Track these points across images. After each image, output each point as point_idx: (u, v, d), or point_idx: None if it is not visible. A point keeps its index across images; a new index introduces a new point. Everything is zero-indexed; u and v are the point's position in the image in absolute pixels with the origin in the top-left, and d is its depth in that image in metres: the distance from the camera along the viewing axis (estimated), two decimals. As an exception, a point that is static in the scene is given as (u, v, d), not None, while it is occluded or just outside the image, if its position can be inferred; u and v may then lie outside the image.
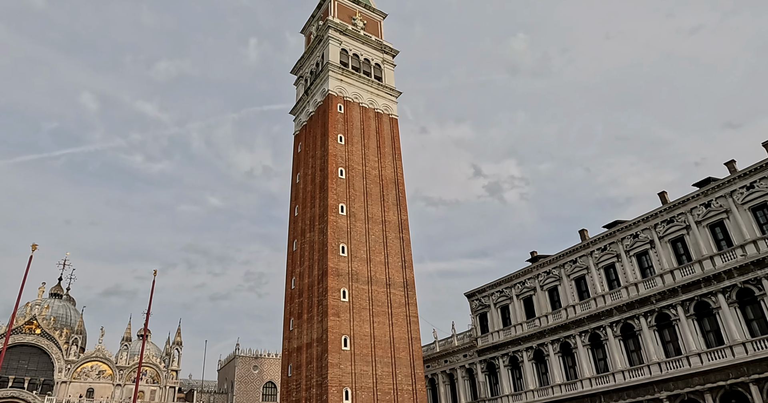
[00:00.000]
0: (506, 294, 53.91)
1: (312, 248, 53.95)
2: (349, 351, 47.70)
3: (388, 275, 53.26)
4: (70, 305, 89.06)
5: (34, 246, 51.21)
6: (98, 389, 74.05)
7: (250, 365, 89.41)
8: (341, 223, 53.00)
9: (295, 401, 50.17)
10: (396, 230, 56.37)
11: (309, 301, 51.80)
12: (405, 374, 50.25)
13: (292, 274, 56.22)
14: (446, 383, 59.30)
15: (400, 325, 51.71)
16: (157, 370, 77.42)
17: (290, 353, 53.05)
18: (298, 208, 59.53)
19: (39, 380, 71.98)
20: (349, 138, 58.56)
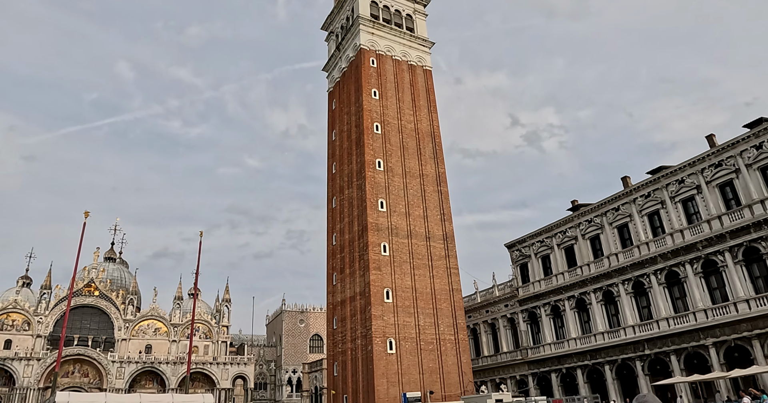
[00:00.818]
0: (547, 244, 53.70)
1: (351, 204, 54.54)
2: (391, 303, 48.74)
3: (427, 228, 53.59)
4: (123, 267, 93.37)
5: (86, 213, 53.37)
6: (155, 345, 78.29)
7: (296, 319, 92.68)
8: (379, 178, 53.21)
9: (342, 352, 51.94)
10: (434, 183, 56.30)
11: (350, 256, 52.78)
12: (447, 325, 51.20)
13: (333, 230, 57.18)
14: (488, 332, 60.23)
15: (440, 277, 52.34)
16: (209, 326, 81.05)
17: (334, 306, 54.57)
18: (335, 165, 59.92)
19: (101, 339, 76.50)
20: (384, 92, 58.02)
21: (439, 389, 47.92)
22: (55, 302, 76.18)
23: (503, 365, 56.85)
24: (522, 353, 54.35)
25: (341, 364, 51.61)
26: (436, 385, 48.10)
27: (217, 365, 77.35)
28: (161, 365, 74.83)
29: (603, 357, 45.85)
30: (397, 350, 47.56)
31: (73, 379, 71.85)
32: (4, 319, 73.11)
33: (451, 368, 49.89)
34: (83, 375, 73.01)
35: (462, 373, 50.31)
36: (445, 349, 50.05)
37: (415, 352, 48.52)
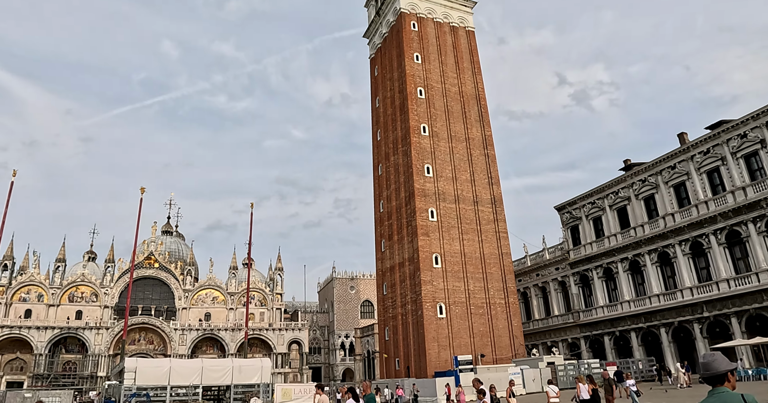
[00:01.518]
0: (598, 205, 52.36)
1: (397, 171, 54.44)
2: (440, 268, 48.90)
3: (474, 192, 53.07)
4: (180, 240, 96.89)
5: (142, 189, 55.44)
6: (214, 313, 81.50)
7: (347, 286, 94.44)
8: (424, 143, 52.76)
9: (392, 317, 52.74)
10: (480, 146, 55.43)
11: (398, 222, 52.99)
12: (497, 289, 51.09)
13: (380, 197, 57.40)
14: (539, 295, 59.83)
15: (489, 241, 52.01)
16: (263, 294, 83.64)
17: (384, 273, 55.20)
18: (380, 132, 59.71)
19: (163, 308, 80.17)
20: (426, 56, 56.95)
21: (489, 353, 48.21)
22: (119, 274, 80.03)
23: (554, 329, 56.56)
24: (573, 316, 53.83)
25: (392, 328, 52.47)
26: (486, 348, 48.39)
27: (273, 331, 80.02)
28: (220, 332, 78.02)
29: (658, 320, 44.88)
30: (447, 314, 47.91)
31: (140, 346, 75.88)
32: (74, 291, 77.46)
33: (501, 331, 50.00)
34: (148, 342, 76.98)
35: (513, 336, 50.38)
36: (495, 313, 50.09)
37: (465, 316, 48.78)
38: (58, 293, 75.95)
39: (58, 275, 78.09)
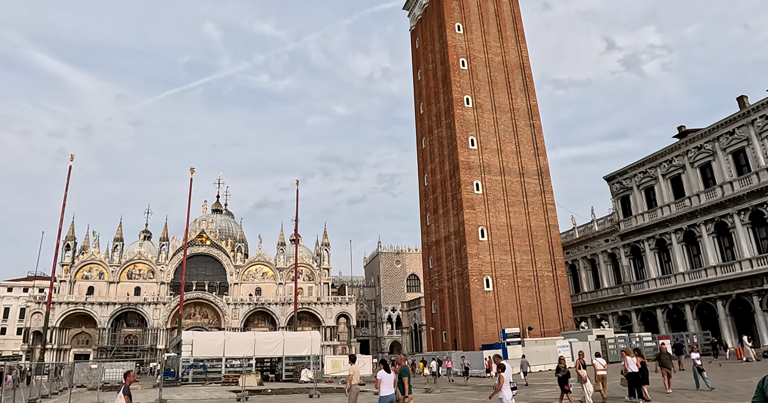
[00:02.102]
0: (650, 174, 50.54)
1: (441, 144, 53.89)
2: (486, 242, 48.51)
3: (520, 164, 52.08)
4: (230, 218, 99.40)
5: (192, 170, 56.99)
6: (264, 287, 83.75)
7: (392, 260, 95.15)
8: (468, 115, 51.91)
9: (438, 290, 52.87)
10: (525, 117, 54.14)
11: (443, 196, 52.67)
12: (544, 262, 50.38)
13: (424, 171, 57.07)
14: (587, 268, 58.72)
15: (536, 213, 51.14)
16: (311, 269, 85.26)
17: (429, 246, 55.20)
18: (422, 105, 59.05)
19: (216, 283, 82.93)
20: (468, 26, 55.59)
21: (537, 326, 47.83)
22: (173, 252, 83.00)
23: (604, 301, 55.52)
24: (624, 288, 52.65)
25: (439, 302, 52.65)
26: (534, 321, 48.02)
27: (321, 304, 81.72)
28: (270, 306, 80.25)
29: (715, 292, 43.35)
30: (494, 287, 47.65)
31: (195, 320, 78.94)
32: (132, 269, 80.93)
33: (549, 304, 49.45)
34: (203, 316, 79.99)
35: (561, 309, 49.77)
36: (542, 285, 49.51)
37: (512, 289, 48.41)
38: (117, 270, 79.54)
39: (116, 253, 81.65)
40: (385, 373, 11.03)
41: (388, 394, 10.86)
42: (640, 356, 17.33)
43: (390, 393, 10.87)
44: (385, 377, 10.98)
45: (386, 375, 11.00)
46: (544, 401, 17.70)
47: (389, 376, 10.99)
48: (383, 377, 10.99)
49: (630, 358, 16.78)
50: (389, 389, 10.92)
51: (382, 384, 10.97)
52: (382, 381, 10.97)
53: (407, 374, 11.28)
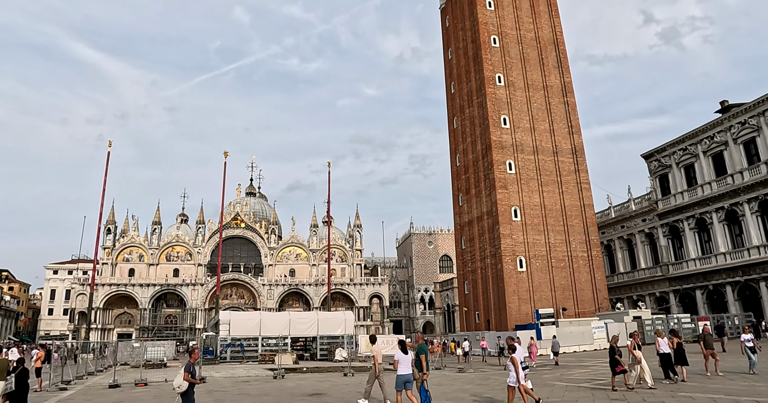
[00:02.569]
0: (691, 152, 48.94)
1: (473, 123, 53.21)
2: (519, 222, 47.99)
3: (554, 142, 51.10)
4: (263, 200, 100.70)
5: (225, 153, 57.74)
6: (298, 269, 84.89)
7: (425, 241, 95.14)
8: (500, 94, 51.03)
9: (471, 271, 52.70)
10: (559, 94, 52.92)
11: (475, 176, 52.17)
12: (579, 242, 49.64)
13: (456, 151, 56.54)
14: (624, 248, 57.59)
15: (570, 193, 50.27)
16: (343, 250, 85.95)
17: (462, 227, 54.92)
18: (453, 85, 58.27)
19: (251, 265, 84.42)
20: (499, 2, 54.31)
21: (572, 306, 47.35)
22: (209, 234, 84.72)
23: (641, 282, 54.47)
24: (662, 269, 51.51)
25: (471, 282, 52.53)
26: (568, 302, 47.54)
27: (354, 285, 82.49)
28: (304, 287, 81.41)
29: (758, 273, 42.00)
30: (528, 267, 47.27)
31: (232, 300, 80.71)
32: (170, 251, 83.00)
33: (584, 285, 48.84)
34: (239, 297, 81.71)
35: (596, 290, 49.13)
36: (577, 266, 48.88)
37: (546, 269, 47.94)
38: (156, 253, 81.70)
39: (155, 236, 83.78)
40: (403, 354, 11.55)
41: (405, 373, 11.42)
42: (676, 337, 16.96)
43: (407, 372, 11.43)
44: (403, 358, 11.52)
45: (403, 356, 11.53)
46: (579, 381, 17.53)
47: (406, 357, 11.53)
48: (401, 358, 11.54)
49: (661, 339, 16.44)
50: (407, 368, 11.47)
51: (400, 364, 11.52)
52: (400, 362, 11.52)
53: (424, 352, 11.77)
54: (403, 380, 11.41)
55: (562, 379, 18.64)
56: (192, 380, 9.67)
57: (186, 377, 9.60)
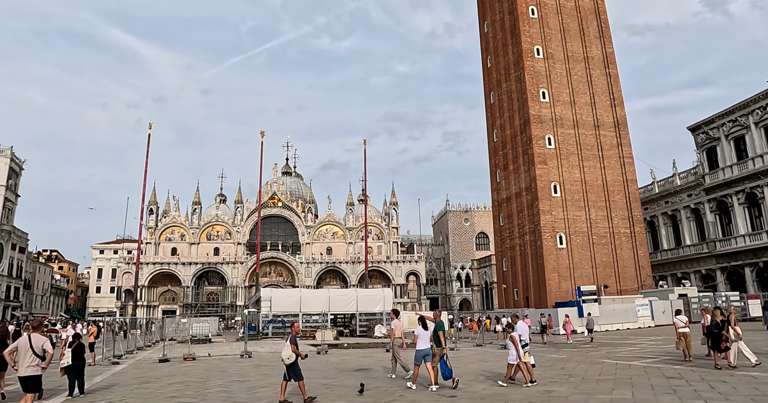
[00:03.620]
0: (741, 123, 46.82)
1: (510, 98, 52.06)
2: (559, 198, 47.06)
3: (595, 115, 49.63)
4: (299, 180, 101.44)
5: (262, 133, 58.07)
6: (334, 247, 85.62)
7: (461, 218, 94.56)
8: (538, 67, 49.66)
9: (510, 248, 52.15)
10: (600, 65, 51.18)
11: (513, 151, 51.23)
12: (621, 218, 48.46)
13: (493, 127, 55.54)
14: (667, 224, 55.97)
15: (612, 167, 48.93)
16: (380, 228, 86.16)
17: (499, 203, 54.23)
18: (489, 59, 56.97)
19: (288, 243, 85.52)
20: (537, -30, 52.47)
21: (613, 284, 46.47)
22: (248, 214, 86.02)
23: (685, 259, 52.92)
24: (709, 246, 49.87)
25: (510, 259, 52.03)
26: (610, 279, 46.66)
27: (391, 263, 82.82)
28: (341, 265, 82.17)
29: (813, 247, 40.30)
30: (568, 244, 46.47)
31: (271, 278, 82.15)
32: (210, 230, 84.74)
33: (626, 262, 47.81)
34: (278, 275, 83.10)
35: (639, 267, 48.05)
36: (619, 242, 47.81)
37: (587, 246, 47.06)
38: (197, 232, 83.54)
39: (195, 216, 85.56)
40: (422, 330, 12.04)
41: (423, 348, 11.93)
42: (722, 314, 16.30)
43: (426, 347, 11.94)
44: (422, 333, 12.00)
45: (423, 332, 12.02)
46: (628, 359, 17.15)
47: (426, 333, 12.02)
48: (420, 333, 12.04)
49: (708, 316, 15.82)
50: (425, 343, 11.95)
51: (419, 339, 12.00)
52: (419, 337, 12.02)
53: (442, 329, 12.28)
54: (422, 355, 11.89)
55: (611, 356, 18.27)
56: (297, 352, 10.14)
57: (293, 350, 10.14)
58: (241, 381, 13.81)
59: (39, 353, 8.69)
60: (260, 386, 12.58)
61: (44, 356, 8.74)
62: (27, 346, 8.65)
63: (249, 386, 12.63)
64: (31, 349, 8.61)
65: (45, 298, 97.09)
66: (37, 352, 8.67)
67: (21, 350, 8.67)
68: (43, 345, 8.80)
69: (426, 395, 10.83)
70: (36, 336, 8.85)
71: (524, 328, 12.45)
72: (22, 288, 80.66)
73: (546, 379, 12.85)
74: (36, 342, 8.71)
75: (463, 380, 12.73)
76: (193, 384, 13.43)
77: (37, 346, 8.70)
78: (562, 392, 10.87)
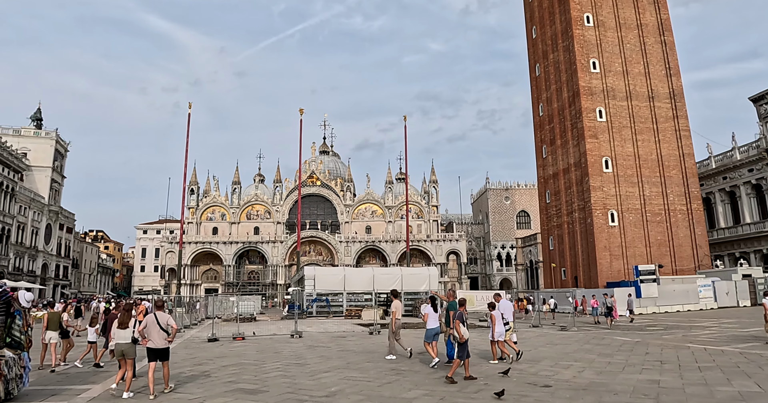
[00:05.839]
0: (812, 91, 43.61)
1: (557, 69, 49.72)
2: (611, 173, 44.94)
3: (649, 86, 46.96)
4: (337, 158, 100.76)
5: (301, 111, 57.29)
6: (374, 226, 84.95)
7: (501, 197, 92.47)
8: (588, 35, 47.12)
9: (557, 226, 50.35)
10: (654, 33, 48.26)
11: (561, 126, 49.09)
12: (677, 194, 46.04)
13: (539, 100, 53.32)
14: (725, 201, 53.16)
15: (668, 141, 46.39)
16: (419, 206, 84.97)
17: (546, 180, 52.32)
18: (535, 29, 54.47)
19: (327, 223, 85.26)
20: (587, -68, 49.51)
21: (668, 263, 44.32)
22: (287, 193, 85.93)
23: (745, 238, 50.24)
24: (772, 222, 47.12)
25: (557, 238, 50.29)
26: (665, 258, 44.50)
27: (431, 242, 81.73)
28: (381, 244, 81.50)
29: None
30: (620, 222, 44.46)
31: (310, 257, 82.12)
32: (250, 210, 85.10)
33: (682, 240, 45.53)
34: (317, 254, 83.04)
35: (696, 246, 45.71)
36: (675, 220, 45.50)
37: (640, 224, 44.96)
38: (237, 212, 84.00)
39: (235, 196, 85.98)
40: (432, 310, 12.48)
41: (433, 327, 12.35)
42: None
43: (436, 326, 12.36)
44: (431, 313, 12.46)
45: (432, 312, 12.47)
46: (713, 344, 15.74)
47: (435, 313, 12.48)
48: (430, 313, 12.48)
49: None
50: (435, 322, 12.38)
51: (429, 318, 12.43)
52: (429, 316, 12.46)
53: (454, 309, 12.14)
54: (432, 333, 12.30)
55: (691, 341, 16.85)
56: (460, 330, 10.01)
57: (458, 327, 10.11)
58: (299, 364, 13.02)
59: (165, 328, 9.70)
60: (322, 371, 11.72)
61: (169, 330, 9.74)
62: (154, 322, 9.66)
63: (310, 371, 11.79)
64: (158, 325, 9.64)
65: (92, 276, 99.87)
66: (164, 327, 9.69)
67: (150, 326, 9.65)
68: (168, 321, 9.81)
69: (514, 384, 9.73)
70: (161, 313, 9.87)
71: (508, 307, 13.24)
72: (71, 267, 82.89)
73: (636, 365, 11.63)
74: (162, 319, 9.74)
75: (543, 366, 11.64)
76: (249, 367, 12.71)
77: (163, 322, 9.72)
78: (669, 382, 9.64)
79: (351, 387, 9.65)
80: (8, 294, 9.36)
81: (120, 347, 9.85)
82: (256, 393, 9.32)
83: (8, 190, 59.62)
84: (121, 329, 9.89)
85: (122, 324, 9.93)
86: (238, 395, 9.16)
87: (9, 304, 9.38)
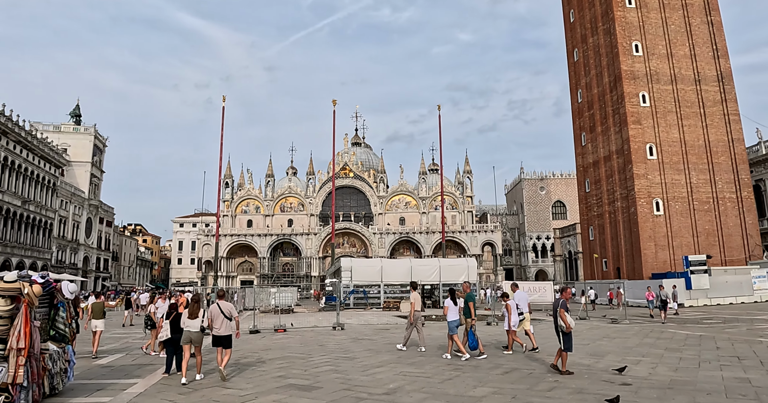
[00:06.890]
0: None
1: (597, 53, 48.07)
2: (655, 160, 43.29)
3: (695, 69, 44.99)
4: (369, 150, 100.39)
5: (334, 101, 57.03)
6: (407, 217, 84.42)
7: (536, 187, 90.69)
8: (630, 17, 45.34)
9: (597, 215, 48.92)
10: (700, 12, 46.16)
11: (601, 112, 47.52)
12: (726, 181, 44.09)
13: (577, 86, 51.73)
14: (777, 188, 50.81)
15: (716, 126, 44.41)
16: (453, 197, 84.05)
17: (585, 168, 50.83)
18: (573, 12, 52.77)
19: (361, 214, 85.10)
20: None
21: (717, 254, 42.53)
22: (319, 185, 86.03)
23: (798, 225, 47.98)
24: (828, 209, 44.81)
25: (597, 228, 48.87)
26: (713, 249, 42.72)
27: (466, 233, 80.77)
28: (415, 235, 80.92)
29: None
30: (665, 211, 42.85)
31: (344, 249, 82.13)
32: (284, 202, 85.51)
33: (732, 229, 43.63)
34: (351, 246, 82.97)
35: (746, 236, 43.75)
36: (724, 209, 43.61)
37: (687, 213, 43.23)
38: (271, 204, 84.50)
39: (269, 188, 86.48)
40: (452, 303, 12.54)
41: (454, 319, 12.43)
42: None
43: (455, 318, 12.45)
44: (451, 306, 12.57)
45: (452, 305, 12.55)
46: None
47: (455, 306, 12.54)
48: (449, 306, 12.59)
49: None
50: (455, 315, 12.47)
51: (449, 311, 12.52)
52: (449, 309, 12.55)
53: (472, 300, 12.65)
54: (454, 325, 12.37)
55: (761, 335, 15.83)
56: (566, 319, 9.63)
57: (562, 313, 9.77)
58: (347, 358, 12.58)
59: (228, 316, 10.32)
60: (374, 366, 11.24)
61: (231, 317, 10.33)
62: (218, 311, 10.32)
63: (361, 366, 11.32)
64: (222, 314, 10.30)
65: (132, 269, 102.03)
66: (227, 315, 10.32)
67: (214, 315, 10.33)
68: (230, 310, 10.41)
69: (590, 382, 9.05)
70: (223, 303, 10.49)
71: (523, 297, 13.47)
72: (111, 260, 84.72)
73: (712, 361, 10.83)
74: (225, 307, 10.38)
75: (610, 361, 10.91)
76: (296, 361, 12.32)
77: (226, 310, 10.35)
78: (760, 380, 8.83)
79: (410, 384, 9.12)
80: (51, 285, 9.09)
81: (189, 335, 10.27)
82: (310, 389, 8.88)
83: (50, 184, 61.00)
84: (190, 319, 10.34)
85: (192, 314, 10.37)
86: (291, 392, 8.73)
87: (53, 295, 9.10)
